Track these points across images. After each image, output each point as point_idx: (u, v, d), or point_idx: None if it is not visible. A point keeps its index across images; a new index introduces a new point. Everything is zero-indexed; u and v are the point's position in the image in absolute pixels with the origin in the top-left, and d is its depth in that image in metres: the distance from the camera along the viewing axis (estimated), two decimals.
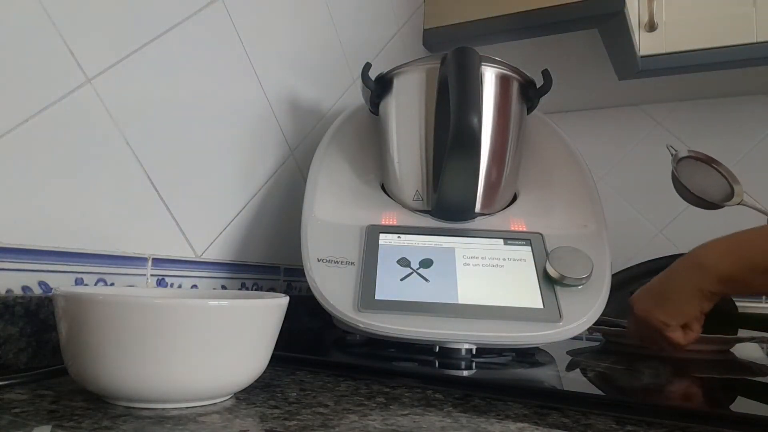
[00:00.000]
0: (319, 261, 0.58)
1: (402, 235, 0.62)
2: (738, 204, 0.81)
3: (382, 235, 0.61)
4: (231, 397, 0.37)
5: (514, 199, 0.69)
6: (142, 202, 0.56)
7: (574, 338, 0.69)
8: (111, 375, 0.32)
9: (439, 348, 0.55)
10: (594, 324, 0.56)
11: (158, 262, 0.58)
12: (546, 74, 0.69)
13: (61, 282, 0.48)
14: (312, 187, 0.66)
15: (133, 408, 0.33)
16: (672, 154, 0.86)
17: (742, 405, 0.45)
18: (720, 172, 0.84)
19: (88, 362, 0.33)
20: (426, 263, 0.59)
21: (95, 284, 0.51)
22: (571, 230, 0.63)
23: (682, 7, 1.17)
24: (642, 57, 1.17)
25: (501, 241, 0.61)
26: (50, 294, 0.46)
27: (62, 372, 0.42)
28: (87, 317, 0.32)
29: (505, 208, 0.67)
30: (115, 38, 0.53)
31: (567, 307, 0.55)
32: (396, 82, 0.67)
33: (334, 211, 0.64)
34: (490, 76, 0.64)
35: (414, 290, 0.56)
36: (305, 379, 0.45)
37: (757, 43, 1.10)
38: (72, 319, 0.33)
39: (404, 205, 0.66)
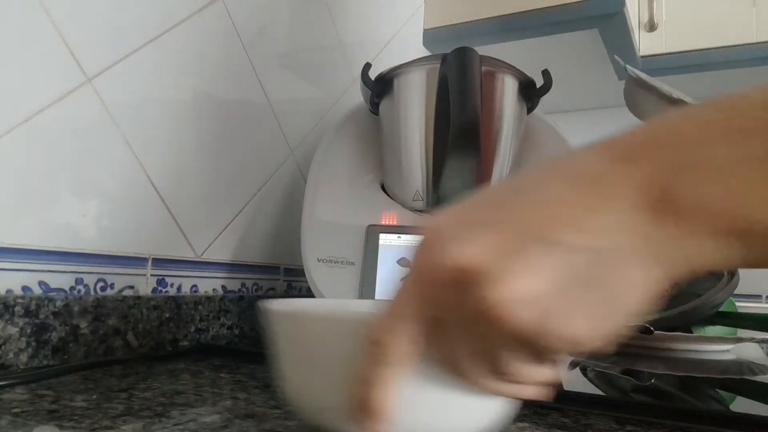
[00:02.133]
0: (319, 261, 0.58)
1: (402, 235, 0.61)
2: None
3: (382, 235, 0.61)
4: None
5: None
6: (143, 202, 0.56)
7: None
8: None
9: None
10: None
11: (158, 262, 0.58)
12: (546, 74, 0.69)
13: (61, 282, 0.48)
14: (312, 187, 0.66)
15: None
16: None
17: (742, 405, 0.45)
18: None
19: (322, 389, 0.26)
20: None
21: (95, 284, 0.51)
22: None
23: (682, 7, 1.17)
24: (642, 57, 1.17)
25: None
26: (263, 306, 0.42)
27: (62, 372, 0.42)
28: (322, 337, 0.25)
29: None
30: (115, 38, 0.53)
31: None
32: (396, 82, 0.67)
33: (334, 211, 0.64)
34: (490, 76, 0.64)
35: None
36: None
37: (757, 43, 1.10)
38: (300, 338, 0.26)
39: (404, 205, 0.66)
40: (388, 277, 0.57)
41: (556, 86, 0.70)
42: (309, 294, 0.59)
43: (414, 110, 0.66)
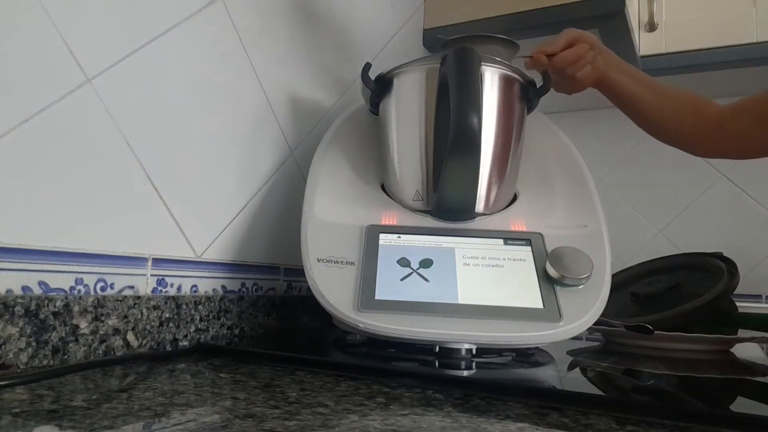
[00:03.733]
0: (319, 261, 0.58)
1: (402, 235, 0.61)
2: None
3: (382, 235, 0.61)
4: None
5: (514, 199, 0.69)
6: (142, 202, 0.56)
7: (574, 338, 0.69)
8: None
9: (439, 348, 0.55)
10: (594, 324, 0.56)
11: (158, 262, 0.58)
12: (546, 74, 0.69)
13: (61, 282, 0.48)
14: (312, 187, 0.66)
15: None
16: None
17: (742, 405, 0.45)
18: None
19: None
20: (426, 263, 0.59)
21: (95, 284, 0.51)
22: (571, 230, 0.63)
23: (682, 7, 1.17)
24: (642, 57, 1.17)
25: (501, 241, 0.61)
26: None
27: (62, 372, 0.42)
28: None
29: (505, 208, 0.67)
30: (115, 38, 0.53)
31: (567, 307, 0.55)
32: (396, 82, 0.67)
33: (334, 211, 0.64)
34: (490, 76, 0.64)
35: (414, 290, 0.56)
36: (305, 379, 0.45)
37: (757, 43, 1.10)
38: None
39: (404, 205, 0.66)
40: (387, 277, 0.57)
41: None
42: (309, 294, 0.59)
43: (414, 110, 0.66)
